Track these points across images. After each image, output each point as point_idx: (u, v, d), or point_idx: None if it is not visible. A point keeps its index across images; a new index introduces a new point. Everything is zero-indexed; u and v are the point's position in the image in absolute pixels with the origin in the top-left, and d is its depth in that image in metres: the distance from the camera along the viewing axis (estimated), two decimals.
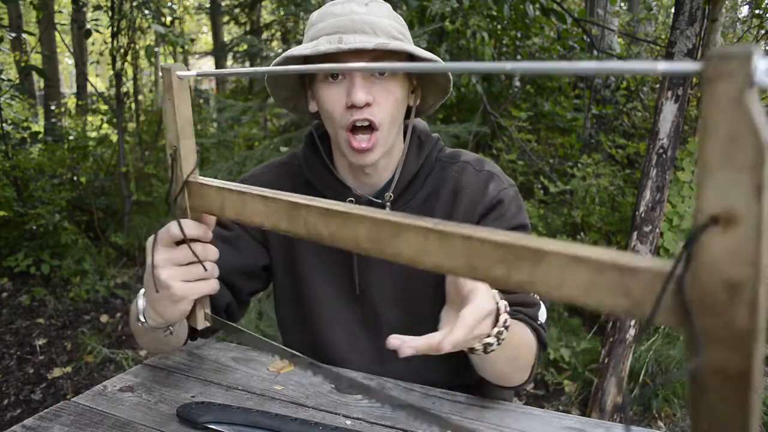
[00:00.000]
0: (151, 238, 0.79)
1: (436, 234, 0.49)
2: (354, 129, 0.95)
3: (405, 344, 0.68)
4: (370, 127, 0.94)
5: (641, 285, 0.38)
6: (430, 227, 0.49)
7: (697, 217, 0.35)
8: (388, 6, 0.99)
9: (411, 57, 0.99)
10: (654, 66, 0.36)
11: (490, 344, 0.79)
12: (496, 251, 0.45)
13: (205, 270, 0.79)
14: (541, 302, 1.00)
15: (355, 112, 0.93)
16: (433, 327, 1.12)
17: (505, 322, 0.79)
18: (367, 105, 0.92)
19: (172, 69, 0.69)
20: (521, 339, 0.91)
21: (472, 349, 0.79)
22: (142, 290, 0.87)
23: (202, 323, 0.82)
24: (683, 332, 0.37)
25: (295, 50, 0.91)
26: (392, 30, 0.95)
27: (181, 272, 0.77)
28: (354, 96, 0.91)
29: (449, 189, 1.06)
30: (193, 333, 1.06)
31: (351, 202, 1.03)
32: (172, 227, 0.75)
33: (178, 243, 0.77)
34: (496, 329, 0.78)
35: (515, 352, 0.89)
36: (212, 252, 0.80)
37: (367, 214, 0.54)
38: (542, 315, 0.99)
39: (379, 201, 1.04)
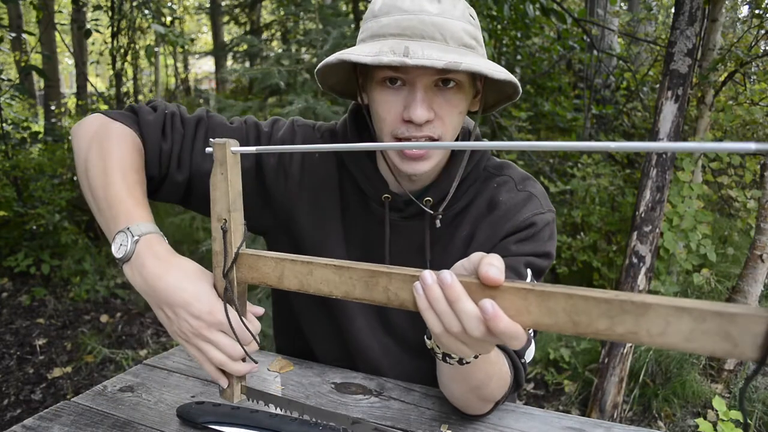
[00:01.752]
0: (195, 292, 0.74)
1: (535, 294, 0.53)
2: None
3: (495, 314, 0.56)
4: (428, 138, 0.86)
5: (740, 329, 0.43)
6: (530, 288, 0.53)
7: None
8: (464, 2, 0.87)
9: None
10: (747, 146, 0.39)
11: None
12: (598, 307, 0.50)
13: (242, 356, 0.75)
14: (532, 339, 0.93)
15: (411, 128, 0.84)
16: None
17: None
18: (427, 122, 0.84)
19: (227, 144, 0.68)
20: (496, 369, 0.83)
21: (446, 356, 0.74)
22: (135, 239, 0.77)
23: (238, 397, 0.79)
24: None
25: (355, 54, 0.80)
26: (464, 36, 0.83)
27: (213, 355, 0.74)
28: (413, 112, 0.82)
29: (485, 201, 0.99)
30: None
31: (386, 199, 0.98)
32: (222, 320, 0.72)
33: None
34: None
35: (485, 379, 0.82)
36: (251, 334, 0.75)
37: (463, 280, 0.57)
38: (530, 353, 0.92)
39: (421, 205, 0.96)
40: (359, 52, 0.80)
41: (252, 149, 0.67)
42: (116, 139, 0.91)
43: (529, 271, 0.94)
